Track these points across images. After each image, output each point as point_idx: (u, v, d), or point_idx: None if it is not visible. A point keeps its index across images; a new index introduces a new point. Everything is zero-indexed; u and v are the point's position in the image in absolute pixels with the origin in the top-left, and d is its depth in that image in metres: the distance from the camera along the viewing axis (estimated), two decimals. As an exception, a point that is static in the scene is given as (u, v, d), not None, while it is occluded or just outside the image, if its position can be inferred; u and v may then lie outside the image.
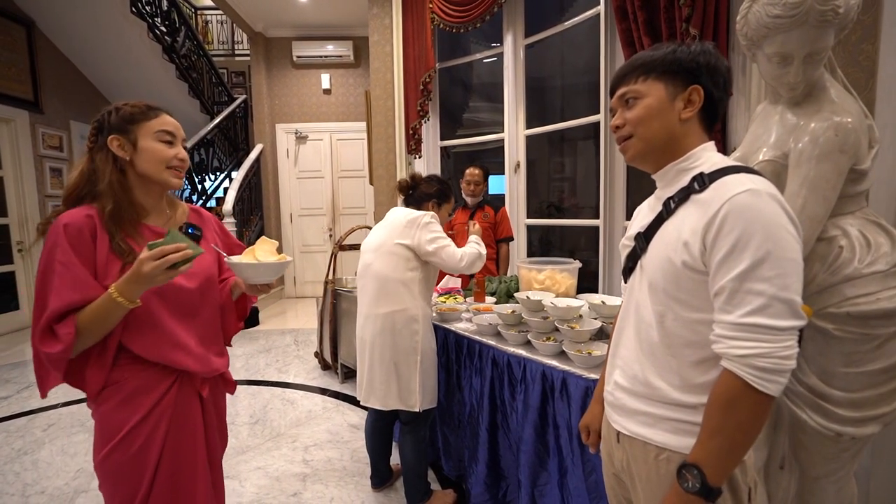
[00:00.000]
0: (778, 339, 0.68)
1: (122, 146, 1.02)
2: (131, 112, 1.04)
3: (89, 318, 0.93)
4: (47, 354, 0.92)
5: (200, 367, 1.09)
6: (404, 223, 1.79)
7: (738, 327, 0.70)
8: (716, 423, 0.72)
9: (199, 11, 8.32)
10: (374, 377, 1.81)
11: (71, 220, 0.96)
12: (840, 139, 1.04)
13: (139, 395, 1.02)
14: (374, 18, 4.13)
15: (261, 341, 4.35)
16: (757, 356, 0.68)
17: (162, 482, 1.03)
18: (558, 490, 1.51)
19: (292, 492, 2.06)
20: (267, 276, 1.09)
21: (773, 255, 0.68)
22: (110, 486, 1.03)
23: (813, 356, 1.12)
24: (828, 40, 1.06)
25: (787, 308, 0.69)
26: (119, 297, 0.92)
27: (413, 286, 1.78)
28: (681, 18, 2.08)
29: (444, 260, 1.78)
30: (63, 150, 5.26)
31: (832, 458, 1.17)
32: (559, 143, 4.07)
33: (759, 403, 0.70)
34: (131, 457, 1.01)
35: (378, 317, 1.78)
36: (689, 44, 0.82)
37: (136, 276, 0.91)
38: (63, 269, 0.93)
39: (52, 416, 2.83)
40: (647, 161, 0.87)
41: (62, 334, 0.91)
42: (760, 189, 0.71)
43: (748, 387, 0.69)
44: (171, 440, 1.05)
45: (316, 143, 6.22)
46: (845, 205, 1.12)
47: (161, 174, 1.05)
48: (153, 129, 1.04)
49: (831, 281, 1.08)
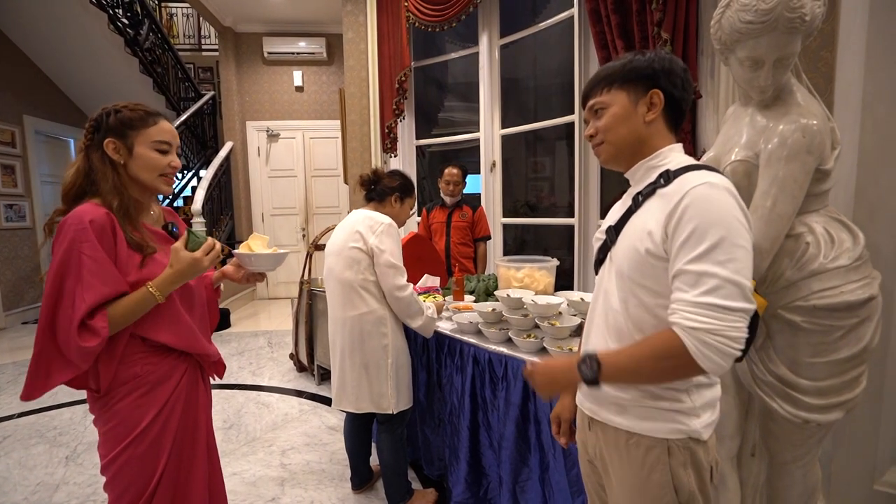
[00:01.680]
0: (728, 318, 0.72)
1: (117, 150, 1.05)
2: (130, 117, 1.06)
3: (122, 313, 0.99)
4: (83, 349, 0.94)
5: (210, 351, 1.20)
6: (361, 227, 1.73)
7: (694, 305, 0.74)
8: (638, 354, 0.78)
9: (164, 4, 8.01)
10: (346, 380, 1.80)
11: (95, 216, 0.98)
12: (807, 140, 1.10)
13: (160, 386, 1.08)
14: (348, 15, 4.08)
15: (233, 344, 4.23)
16: (706, 331, 0.72)
17: (170, 472, 1.09)
18: (539, 485, 1.53)
19: (270, 497, 2.01)
20: (270, 265, 1.23)
21: (727, 241, 0.73)
22: (123, 483, 1.06)
23: (782, 348, 1.18)
24: (795, 46, 1.11)
25: (738, 290, 0.73)
26: (157, 294, 1.01)
27: (378, 288, 1.76)
28: (652, 23, 2.14)
29: (387, 278, 1.70)
30: (16, 145, 4.98)
31: (799, 444, 1.23)
32: (534, 143, 4.12)
33: (685, 369, 0.75)
34: (146, 450, 1.06)
35: (346, 320, 1.76)
36: (644, 52, 0.89)
37: (182, 272, 1.02)
38: (93, 264, 0.96)
39: (8, 428, 2.67)
40: (619, 162, 0.94)
41: (99, 328, 0.95)
42: (718, 183, 0.77)
43: (685, 353, 0.73)
44: (181, 427, 1.12)
45: (288, 141, 6.09)
46: (811, 203, 1.18)
47: (154, 181, 1.09)
48: (151, 137, 1.07)
49: (799, 276, 1.14)
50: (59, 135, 5.67)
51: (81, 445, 2.46)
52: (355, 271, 1.74)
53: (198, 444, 1.17)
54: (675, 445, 0.84)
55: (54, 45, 5.01)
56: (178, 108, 6.15)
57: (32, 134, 5.18)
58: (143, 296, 1.00)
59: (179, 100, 6.29)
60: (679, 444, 0.84)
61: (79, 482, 2.13)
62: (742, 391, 1.31)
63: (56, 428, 2.66)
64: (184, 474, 1.13)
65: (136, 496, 1.06)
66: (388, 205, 1.87)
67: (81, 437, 2.55)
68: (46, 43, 4.98)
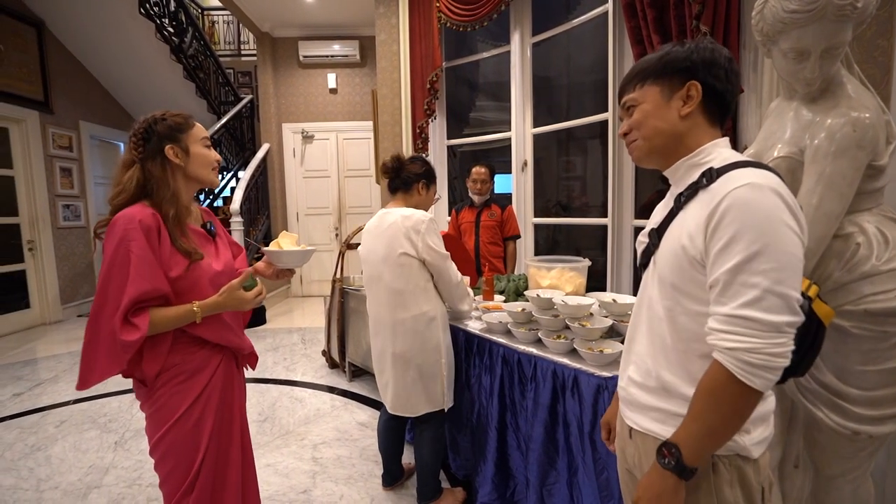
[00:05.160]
0: (769, 334, 0.68)
1: (177, 154, 1.13)
2: (178, 122, 1.14)
3: (164, 320, 1.06)
4: (125, 342, 0.99)
5: (240, 342, 1.27)
6: (405, 231, 1.71)
7: (731, 319, 0.70)
8: (699, 408, 0.74)
9: (206, 12, 8.36)
10: (401, 385, 1.79)
11: (143, 217, 1.05)
12: (858, 135, 1.03)
13: (196, 375, 1.15)
14: (380, 17, 4.13)
15: (268, 339, 4.37)
16: (745, 350, 0.68)
17: (212, 453, 1.16)
18: (567, 489, 1.51)
19: (302, 489, 2.07)
20: (297, 262, 1.28)
21: (770, 248, 0.68)
22: (170, 463, 1.13)
23: (829, 354, 1.11)
24: (846, 35, 1.05)
25: (781, 302, 0.68)
26: (199, 313, 1.09)
27: (429, 287, 1.77)
28: (691, 15, 2.07)
29: (448, 275, 1.76)
30: (73, 149, 5.31)
31: (848, 456, 1.16)
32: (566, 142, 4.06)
33: (743, 396, 0.71)
34: (188, 432, 1.13)
35: (397, 323, 1.75)
36: (683, 43, 0.83)
37: (228, 305, 1.13)
38: (140, 262, 1.02)
39: (64, 413, 2.86)
40: (654, 160, 0.89)
41: (141, 324, 1.01)
42: (762, 183, 0.71)
43: (733, 378, 0.70)
44: (219, 414, 1.19)
45: (322, 142, 6.24)
46: (862, 201, 1.11)
47: (209, 175, 1.19)
48: (198, 136, 1.17)
49: (848, 278, 1.07)
50: (110, 138, 6.02)
51: (129, 432, 2.60)
52: (408, 276, 1.73)
53: (233, 434, 1.23)
54: (720, 462, 0.79)
55: (106, 54, 5.32)
56: (218, 111, 6.39)
57: (88, 138, 5.51)
58: (186, 311, 1.08)
59: (219, 104, 6.54)
60: (725, 460, 0.79)
61: (126, 466, 2.26)
62: (784, 398, 1.24)
63: (106, 415, 2.83)
64: (222, 461, 1.20)
65: (182, 476, 1.13)
66: (414, 193, 1.84)
67: (129, 425, 2.69)
68: (99, 52, 5.30)
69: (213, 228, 1.25)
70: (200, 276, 1.12)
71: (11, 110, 4.57)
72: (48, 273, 4.99)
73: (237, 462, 1.24)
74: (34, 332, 4.71)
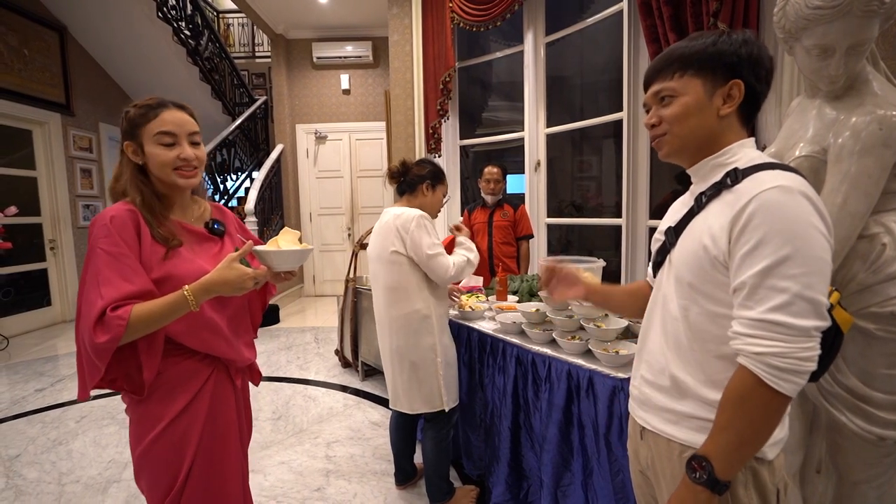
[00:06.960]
0: (797, 339, 0.67)
1: (135, 152, 1.04)
2: (134, 116, 1.04)
3: (151, 315, 0.93)
4: (95, 344, 0.90)
5: (234, 354, 1.12)
6: (395, 230, 1.74)
7: (758, 324, 0.68)
8: (727, 417, 0.72)
9: (222, 15, 8.48)
10: (398, 383, 1.82)
11: (116, 213, 0.98)
12: (884, 133, 1.01)
13: (180, 386, 1.04)
14: (393, 18, 4.15)
15: (281, 338, 4.42)
16: (773, 355, 0.67)
17: (198, 471, 1.05)
18: (582, 491, 1.50)
19: (315, 486, 2.09)
20: (290, 263, 1.10)
21: (800, 253, 0.66)
22: (151, 476, 1.05)
23: (853, 357, 1.09)
24: (872, 31, 1.03)
25: (810, 307, 0.67)
26: (192, 299, 0.94)
27: (423, 286, 1.77)
28: (708, 13, 2.04)
29: (435, 271, 1.73)
30: (92, 151, 5.42)
31: (873, 462, 1.13)
32: (580, 142, 4.03)
33: (772, 401, 0.69)
34: (171, 447, 1.03)
35: (392, 320, 1.79)
36: (730, 34, 0.78)
37: (226, 280, 0.97)
38: (110, 259, 0.94)
39: (85, 409, 2.92)
40: (683, 158, 0.86)
41: (113, 325, 0.89)
42: (791, 186, 0.69)
43: (761, 384, 0.68)
44: (207, 430, 1.07)
45: (335, 143, 6.28)
46: (888, 201, 1.08)
47: (169, 177, 1.04)
48: (152, 132, 1.02)
49: (873, 280, 1.05)
50: (129, 140, 6.12)
51: (146, 428, 2.65)
52: (399, 274, 1.76)
53: (229, 448, 1.13)
54: None
55: (125, 57, 5.42)
56: (233, 113, 6.48)
57: (106, 139, 5.62)
58: (176, 298, 0.94)
59: (234, 105, 6.62)
60: None
61: (144, 462, 2.30)
62: (806, 402, 1.22)
63: (124, 411, 2.88)
64: (215, 485, 1.09)
65: (163, 493, 1.04)
66: (419, 194, 1.85)
67: (146, 421, 2.74)
68: (118, 55, 5.40)
69: (218, 227, 1.15)
70: (188, 274, 1.00)
71: (35, 113, 4.69)
72: (69, 271, 5.09)
73: (236, 482, 1.13)
74: (55, 330, 4.82)
